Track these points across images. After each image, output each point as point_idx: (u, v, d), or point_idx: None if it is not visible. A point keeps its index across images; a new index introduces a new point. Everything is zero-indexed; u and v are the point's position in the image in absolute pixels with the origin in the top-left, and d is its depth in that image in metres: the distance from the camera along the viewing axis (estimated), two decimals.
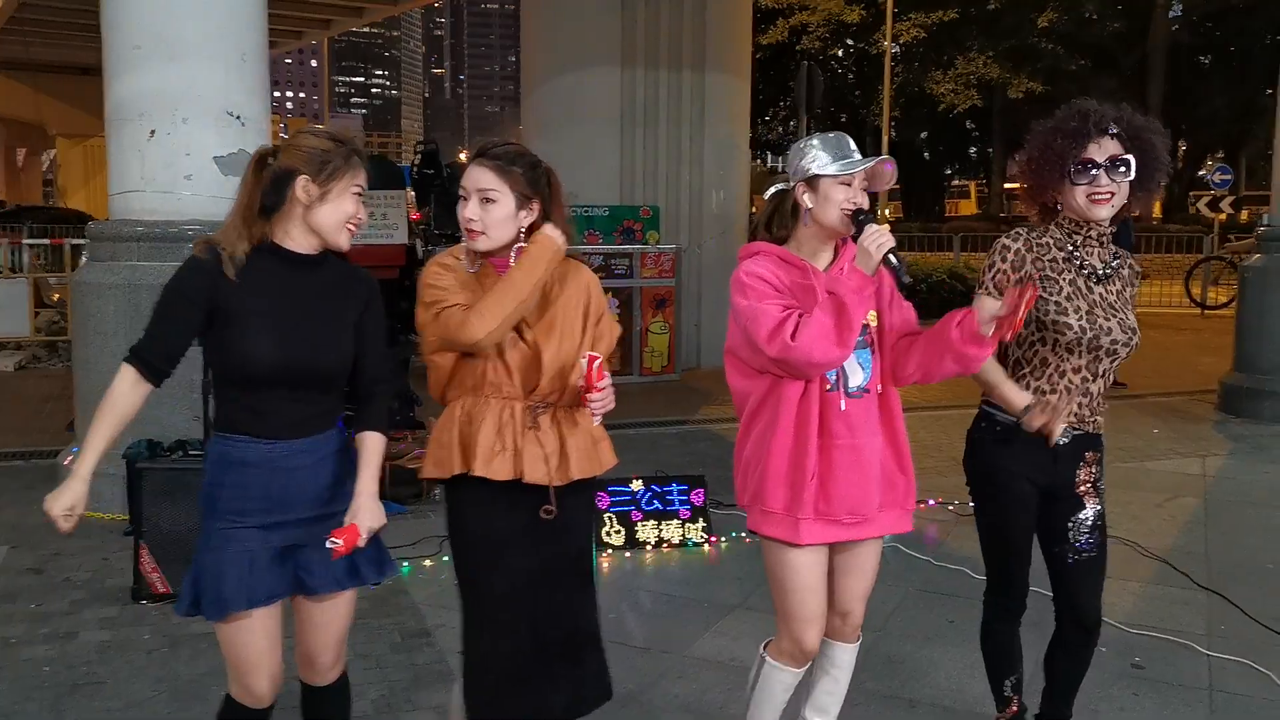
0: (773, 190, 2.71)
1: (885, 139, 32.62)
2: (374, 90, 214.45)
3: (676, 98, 10.49)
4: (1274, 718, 3.44)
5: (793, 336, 2.45)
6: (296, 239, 2.34)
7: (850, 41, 37.37)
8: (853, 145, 2.61)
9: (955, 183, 49.14)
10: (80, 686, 3.56)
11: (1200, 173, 39.60)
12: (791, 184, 2.63)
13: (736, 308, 2.60)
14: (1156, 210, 38.47)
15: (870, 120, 37.15)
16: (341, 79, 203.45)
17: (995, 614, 2.97)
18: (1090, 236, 2.77)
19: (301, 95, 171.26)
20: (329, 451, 2.39)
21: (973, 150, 45.48)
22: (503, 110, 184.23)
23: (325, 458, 2.38)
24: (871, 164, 2.55)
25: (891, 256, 2.46)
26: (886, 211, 33.86)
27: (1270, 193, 8.68)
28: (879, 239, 2.45)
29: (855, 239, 2.53)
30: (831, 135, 2.61)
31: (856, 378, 2.62)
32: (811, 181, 2.57)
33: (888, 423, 2.68)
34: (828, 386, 2.59)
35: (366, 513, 2.34)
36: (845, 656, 2.86)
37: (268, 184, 2.30)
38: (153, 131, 5.33)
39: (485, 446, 2.45)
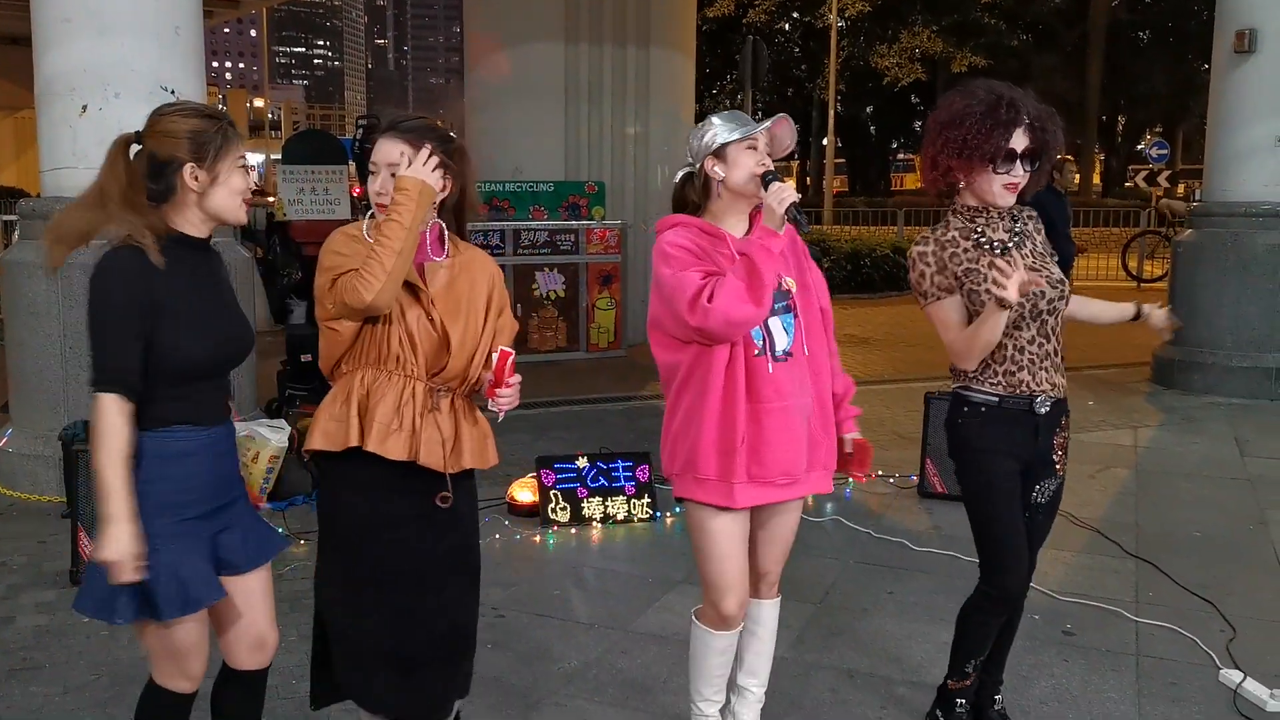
0: (680, 175, 2.77)
1: (831, 113, 32.80)
2: (316, 61, 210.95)
3: (621, 72, 10.45)
4: (1198, 681, 3.56)
5: (709, 300, 2.51)
6: (194, 224, 2.29)
7: (796, 15, 37.46)
8: (747, 117, 2.72)
9: (900, 156, 49.56)
10: (18, 672, 3.52)
11: (1138, 147, 40.35)
12: (697, 164, 2.71)
13: (660, 278, 2.63)
14: (1095, 182, 39.18)
15: (816, 94, 37.31)
16: (282, 49, 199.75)
17: (981, 605, 2.92)
18: (991, 215, 2.83)
19: (241, 66, 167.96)
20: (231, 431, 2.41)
21: (917, 124, 45.87)
22: (448, 82, 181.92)
23: (232, 438, 2.40)
24: (771, 123, 2.67)
25: (795, 210, 2.52)
26: (827, 183, 33.95)
27: (1204, 167, 8.86)
28: (781, 194, 2.53)
29: None
30: (728, 112, 2.73)
31: (782, 342, 2.68)
32: (719, 152, 2.66)
33: (814, 384, 2.75)
34: (755, 351, 2.64)
35: None
36: (768, 613, 2.93)
37: (147, 173, 2.23)
38: (84, 107, 5.22)
39: (383, 423, 2.35)
